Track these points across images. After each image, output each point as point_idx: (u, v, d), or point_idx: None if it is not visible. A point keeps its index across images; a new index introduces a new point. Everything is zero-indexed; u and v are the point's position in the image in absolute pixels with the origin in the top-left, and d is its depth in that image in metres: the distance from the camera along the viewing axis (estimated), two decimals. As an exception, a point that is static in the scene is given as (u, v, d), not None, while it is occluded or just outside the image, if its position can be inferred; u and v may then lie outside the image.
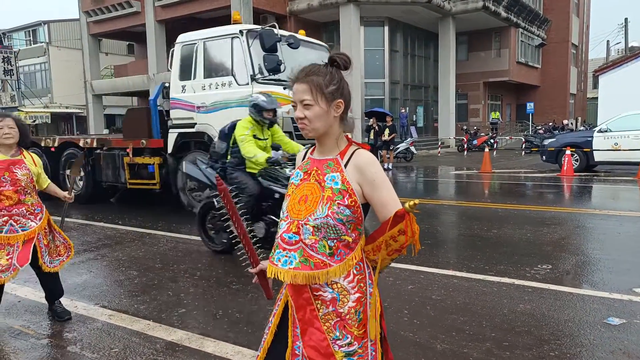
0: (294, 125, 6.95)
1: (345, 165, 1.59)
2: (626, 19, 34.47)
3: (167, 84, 8.37)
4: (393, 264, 4.87)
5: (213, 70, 7.65)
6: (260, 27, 7.36)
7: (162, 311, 3.90)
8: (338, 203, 1.54)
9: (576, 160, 13.40)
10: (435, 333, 3.37)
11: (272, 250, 1.67)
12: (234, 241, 1.89)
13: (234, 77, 7.29)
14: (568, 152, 13.10)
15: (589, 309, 3.74)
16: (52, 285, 3.78)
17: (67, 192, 3.81)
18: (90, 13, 26.45)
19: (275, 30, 7.15)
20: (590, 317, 3.57)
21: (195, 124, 7.69)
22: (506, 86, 31.57)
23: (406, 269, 4.84)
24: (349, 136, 1.68)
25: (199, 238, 5.96)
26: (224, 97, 7.35)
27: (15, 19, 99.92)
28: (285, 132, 6.73)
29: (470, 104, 29.60)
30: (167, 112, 8.21)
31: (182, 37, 8.14)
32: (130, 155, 8.49)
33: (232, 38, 7.38)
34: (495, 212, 8.00)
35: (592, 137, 13.29)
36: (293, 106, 1.62)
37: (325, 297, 1.58)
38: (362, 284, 1.60)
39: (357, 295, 1.59)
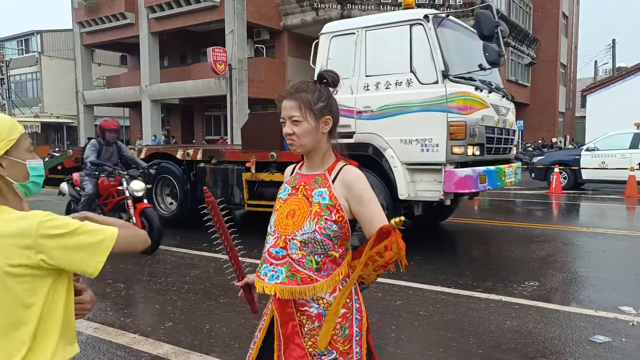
0: (487, 136, 5.87)
1: (333, 181, 1.61)
2: (614, 40, 35.17)
3: None
4: (381, 279, 4.90)
5: (381, 65, 5.93)
6: (444, 11, 6.20)
7: (149, 324, 3.86)
8: (325, 218, 1.56)
9: (564, 178, 13.56)
10: (422, 349, 3.37)
11: (259, 265, 1.68)
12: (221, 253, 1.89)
13: (414, 73, 5.70)
14: (557, 170, 13.25)
15: (575, 327, 3.76)
16: None
17: None
18: (84, 24, 26.46)
19: (492, 13, 5.55)
20: (576, 335, 3.59)
21: (354, 133, 5.98)
22: (496, 104, 31.93)
23: (395, 284, 4.84)
24: (337, 152, 1.70)
25: (187, 251, 5.90)
26: (399, 100, 5.73)
27: (8, 28, 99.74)
28: (476, 144, 5.63)
29: (461, 121, 29.86)
30: None
31: (333, 26, 6.49)
32: (253, 171, 6.88)
33: (412, 25, 5.74)
34: (484, 228, 8.05)
35: (580, 155, 13.47)
36: (282, 122, 1.64)
37: (311, 313, 1.59)
38: (347, 300, 1.61)
39: (342, 310, 1.59)
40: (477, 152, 5.73)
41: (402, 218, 1.44)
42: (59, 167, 9.23)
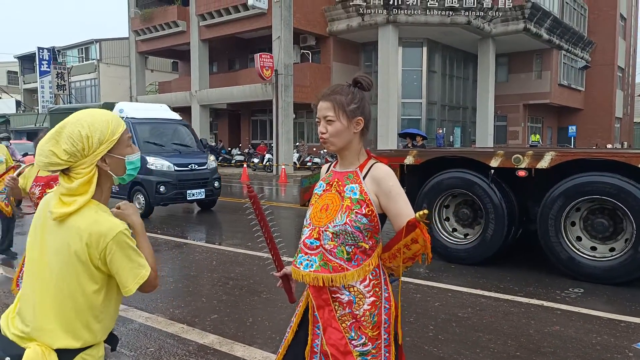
0: None
1: (364, 178, 1.72)
2: (676, 42, 33.36)
3: None
4: (420, 281, 4.94)
5: None
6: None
7: (196, 316, 4.08)
8: (356, 212, 1.67)
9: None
10: (459, 349, 3.41)
11: (296, 255, 1.81)
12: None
13: None
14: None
15: (619, 334, 3.69)
16: None
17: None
18: (139, 32, 27.74)
19: None
20: (619, 341, 3.53)
21: None
22: (547, 109, 30.96)
23: (434, 286, 4.87)
24: (369, 151, 1.81)
25: (232, 249, 6.13)
26: None
27: (69, 37, 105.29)
28: None
29: (509, 126, 29.15)
30: None
31: None
32: None
33: None
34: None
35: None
36: (317, 122, 1.77)
37: (342, 299, 1.71)
38: (377, 289, 1.72)
39: (372, 299, 1.70)
40: None
41: (426, 211, 1.54)
42: None
